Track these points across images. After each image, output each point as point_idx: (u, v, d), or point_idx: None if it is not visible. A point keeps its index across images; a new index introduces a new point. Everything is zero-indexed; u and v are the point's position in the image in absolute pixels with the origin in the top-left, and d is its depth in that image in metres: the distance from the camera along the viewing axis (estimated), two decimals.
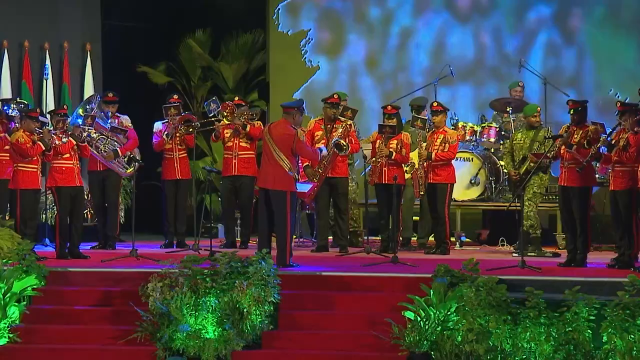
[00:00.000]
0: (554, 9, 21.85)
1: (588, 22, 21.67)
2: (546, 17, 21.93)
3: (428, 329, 15.00)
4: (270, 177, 16.73)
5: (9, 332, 15.68)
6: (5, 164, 18.44)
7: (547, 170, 18.10)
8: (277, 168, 16.71)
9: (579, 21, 21.60)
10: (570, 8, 21.67)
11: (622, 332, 14.62)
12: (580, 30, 21.73)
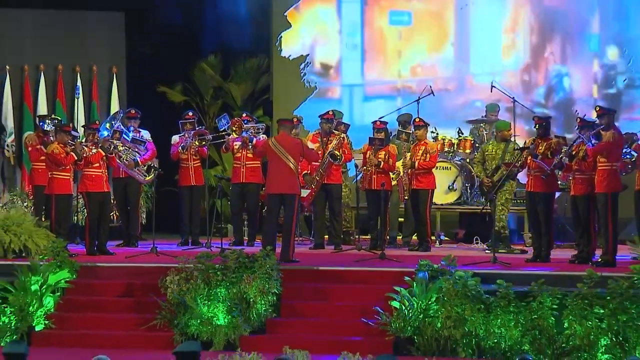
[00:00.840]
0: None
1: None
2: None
3: (411, 317, 15.00)
4: (285, 183, 16.75)
5: (44, 319, 15.71)
6: (42, 173, 18.44)
7: (515, 178, 18.08)
8: (290, 173, 16.76)
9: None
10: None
11: (581, 319, 14.62)
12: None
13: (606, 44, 20.88)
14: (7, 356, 10.33)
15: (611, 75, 20.79)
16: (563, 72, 21.08)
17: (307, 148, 17.28)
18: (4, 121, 20.63)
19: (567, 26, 20.99)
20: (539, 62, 21.05)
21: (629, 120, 19.61)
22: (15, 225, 17.19)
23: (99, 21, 21.46)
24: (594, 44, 20.90)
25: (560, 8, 20.95)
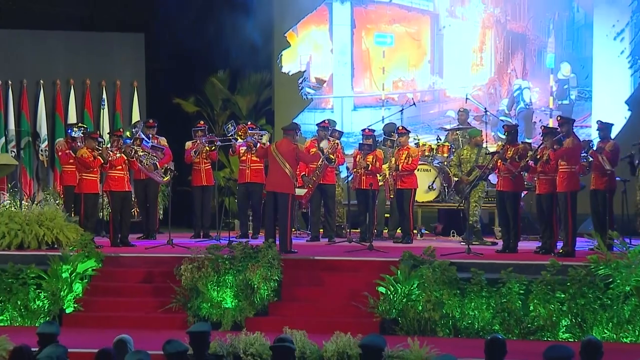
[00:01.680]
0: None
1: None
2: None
3: (396, 301, 14.99)
4: (279, 183, 16.74)
5: (74, 303, 15.71)
6: (71, 174, 18.42)
7: (487, 179, 18.05)
8: (284, 176, 16.73)
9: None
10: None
11: (545, 302, 14.65)
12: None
13: (560, 61, 20.94)
14: (41, 336, 10.29)
15: (564, 88, 20.89)
16: (523, 86, 21.13)
17: (301, 153, 17.24)
18: (39, 129, 20.59)
19: (526, 46, 21.08)
20: (502, 77, 21.11)
21: (580, 127, 19.59)
22: (49, 220, 17.18)
23: (122, 41, 21.44)
24: (550, 62, 20.95)
25: (520, 31, 21.05)
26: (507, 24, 21.12)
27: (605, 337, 14.16)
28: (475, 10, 21.21)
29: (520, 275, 14.84)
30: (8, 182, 19.56)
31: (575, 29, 20.87)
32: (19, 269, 15.84)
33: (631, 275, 14.53)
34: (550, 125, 18.21)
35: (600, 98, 20.61)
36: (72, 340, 11.61)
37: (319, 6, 21.65)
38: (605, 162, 16.68)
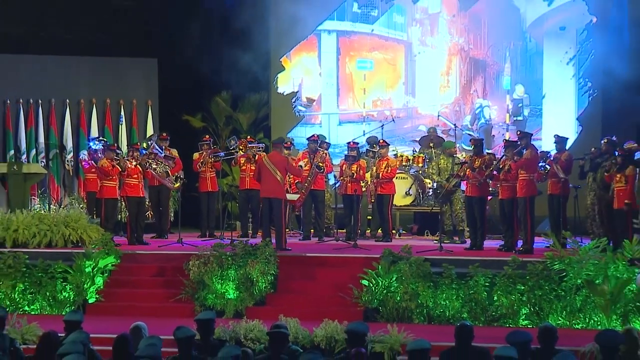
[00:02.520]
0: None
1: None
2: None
3: (377, 292, 14.96)
4: (272, 190, 16.74)
5: (96, 294, 15.67)
6: (93, 182, 18.41)
7: (460, 185, 18.06)
8: (276, 183, 16.72)
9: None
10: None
11: (507, 293, 14.63)
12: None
13: (515, 83, 21.03)
14: (66, 323, 10.25)
15: (519, 107, 20.96)
16: (484, 105, 21.17)
17: (290, 165, 17.21)
18: (65, 142, 20.56)
19: (486, 71, 21.16)
20: (466, 97, 21.18)
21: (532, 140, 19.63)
22: (74, 222, 17.16)
23: (137, 66, 21.43)
24: (506, 84, 21.04)
25: (481, 58, 21.13)
26: (470, 51, 21.17)
27: (560, 323, 14.15)
28: (442, 40, 21.26)
29: (485, 269, 14.85)
30: (38, 189, 19.55)
31: (528, 56, 20.95)
32: (48, 265, 15.83)
33: (582, 270, 14.55)
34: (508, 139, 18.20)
35: (549, 115, 20.68)
36: (94, 327, 11.57)
37: (309, 36, 21.65)
38: (560, 170, 16.71)
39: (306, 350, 10.65)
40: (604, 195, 16.87)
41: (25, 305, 15.73)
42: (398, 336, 13.14)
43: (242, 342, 13.03)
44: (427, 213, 19.22)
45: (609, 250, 14.81)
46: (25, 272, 15.83)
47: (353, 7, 21.48)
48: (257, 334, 13.35)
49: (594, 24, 20.15)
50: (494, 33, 20.98)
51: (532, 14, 20.69)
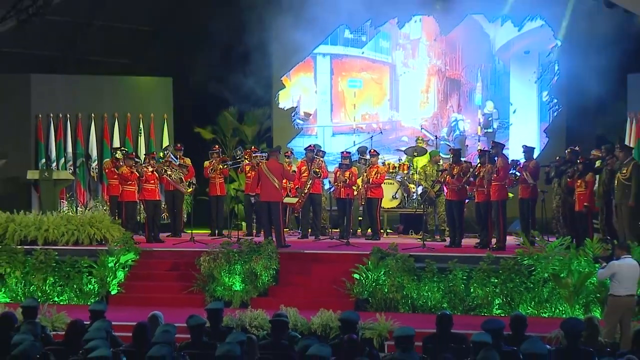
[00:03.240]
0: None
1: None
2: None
3: (367, 284, 14.98)
4: (271, 194, 16.70)
5: (117, 286, 15.73)
6: (115, 187, 18.38)
7: (442, 190, 18.04)
8: (274, 188, 16.70)
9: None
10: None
11: (482, 286, 14.68)
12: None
13: (486, 100, 21.02)
14: (91, 312, 10.24)
15: (489, 120, 20.97)
16: (458, 118, 21.17)
17: (286, 172, 17.17)
18: (90, 152, 20.52)
19: (460, 89, 21.17)
20: (443, 111, 21.21)
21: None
22: (98, 222, 17.16)
23: (154, 84, 21.42)
24: (478, 100, 21.06)
25: (456, 78, 21.17)
26: (446, 72, 21.21)
27: (529, 312, 14.16)
28: (422, 62, 21.30)
29: (463, 264, 14.88)
30: (67, 193, 19.52)
31: (497, 76, 20.99)
32: (75, 260, 15.85)
33: (548, 265, 14.57)
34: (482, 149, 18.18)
35: (516, 127, 20.68)
36: (116, 316, 11.54)
37: (306, 58, 21.65)
38: (529, 177, 16.71)
39: (304, 336, 10.59)
40: (567, 198, 16.88)
41: (55, 296, 15.75)
42: (386, 324, 13.15)
43: (247, 329, 13.04)
44: (412, 214, 19.19)
45: (572, 247, 14.83)
46: (55, 267, 15.86)
47: (345, 33, 21.49)
48: (260, 321, 13.36)
49: (559, 47, 20.17)
50: (467, 56, 21.03)
51: (500, 40, 20.74)
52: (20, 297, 15.39)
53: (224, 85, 20.91)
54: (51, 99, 20.18)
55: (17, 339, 8.46)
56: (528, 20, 20.34)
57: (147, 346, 8.45)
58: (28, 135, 19.90)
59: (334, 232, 18.71)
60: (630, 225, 15.79)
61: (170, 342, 8.53)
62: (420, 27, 21.15)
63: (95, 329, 8.97)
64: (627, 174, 15.68)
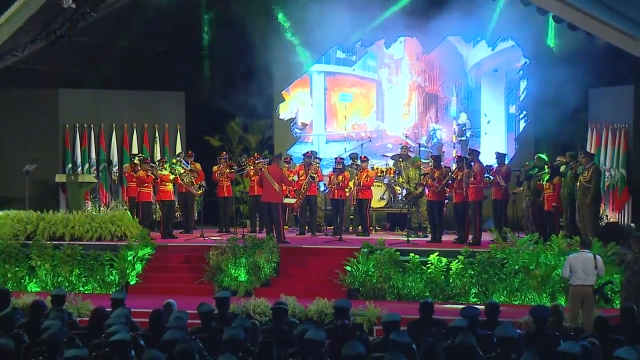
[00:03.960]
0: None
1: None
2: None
3: (358, 276, 15.01)
4: (271, 196, 16.75)
5: (136, 277, 15.72)
6: (133, 189, 18.38)
7: (424, 191, 18.04)
8: (274, 191, 16.73)
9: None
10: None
11: (460, 277, 14.72)
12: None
13: (460, 112, 21.00)
14: (113, 300, 10.21)
15: (463, 130, 20.96)
16: (436, 128, 21.16)
17: (284, 177, 17.20)
18: (111, 158, 20.47)
19: (438, 102, 21.14)
20: (423, 122, 21.21)
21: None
22: (118, 220, 17.16)
23: (169, 97, 21.34)
24: (453, 112, 21.06)
25: (434, 92, 21.15)
26: (425, 88, 21.24)
27: (502, 300, 14.20)
28: (404, 79, 21.32)
29: (443, 257, 14.88)
30: (90, 194, 19.49)
31: (469, 91, 21.01)
32: (98, 254, 15.86)
33: (519, 258, 14.60)
34: (459, 155, 18.21)
35: (488, 136, 20.68)
36: (134, 304, 11.54)
37: (303, 75, 21.66)
38: (501, 180, 16.73)
39: (302, 322, 10.59)
40: (536, 199, 16.93)
41: (80, 286, 15.74)
42: (374, 311, 13.16)
43: (251, 315, 13.03)
44: (397, 213, 19.18)
45: (540, 243, 14.88)
46: (80, 260, 15.86)
47: (337, 53, 21.51)
48: (263, 309, 13.36)
49: (528, 65, 20.19)
50: (443, 74, 21.07)
51: (472, 60, 20.76)
52: (49, 287, 15.38)
53: (231, 99, 20.89)
54: (77, 111, 20.16)
55: (47, 324, 8.45)
56: (501, 41, 20.34)
57: (162, 331, 8.43)
58: (56, 143, 19.87)
59: (328, 229, 18.70)
60: (591, 222, 15.86)
61: (182, 327, 8.51)
62: (402, 48, 21.16)
63: (115, 315, 8.95)
64: (588, 177, 15.79)
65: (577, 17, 15.86)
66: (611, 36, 15.64)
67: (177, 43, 21.18)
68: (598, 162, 16.83)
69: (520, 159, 19.27)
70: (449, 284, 14.70)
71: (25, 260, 15.97)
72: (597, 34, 15.80)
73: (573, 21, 15.96)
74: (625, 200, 16.81)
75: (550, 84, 18.25)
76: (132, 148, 20.54)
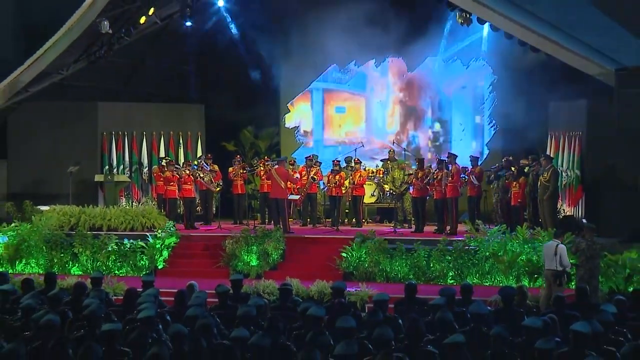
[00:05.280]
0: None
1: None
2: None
3: (352, 261, 14.99)
4: (278, 192, 16.79)
5: (163, 262, 15.67)
6: (160, 187, 18.37)
7: (408, 190, 18.02)
8: (280, 188, 16.76)
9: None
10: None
11: (439, 261, 14.68)
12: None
13: (434, 122, 21.01)
14: (143, 282, 10.21)
15: (437, 136, 20.97)
16: (415, 135, 21.15)
17: (290, 176, 17.27)
18: (142, 160, 20.44)
19: (416, 113, 21.10)
20: (404, 130, 21.18)
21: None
22: (148, 214, 17.13)
23: (190, 109, 21.31)
24: (428, 122, 21.05)
25: (414, 105, 21.07)
26: (406, 102, 21.24)
27: (474, 282, 14.16)
28: (389, 94, 21.30)
29: (425, 246, 14.88)
30: (124, 192, 19.46)
31: (443, 104, 20.99)
32: (131, 242, 15.87)
33: (489, 246, 14.59)
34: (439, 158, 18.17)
35: (462, 142, 20.62)
36: (161, 284, 11.49)
37: (305, 91, 21.65)
38: (474, 180, 16.76)
39: (304, 300, 10.58)
40: (504, 196, 16.93)
41: (115, 269, 15.74)
42: (366, 291, 13.14)
43: (261, 294, 13.01)
44: (386, 207, 19.16)
45: (507, 233, 14.87)
46: (116, 247, 15.85)
47: (334, 73, 21.53)
48: (271, 289, 13.36)
49: (496, 81, 20.16)
50: (421, 90, 21.08)
51: (444, 78, 20.68)
52: (89, 271, 15.38)
53: (244, 110, 20.87)
54: (113, 121, 20.14)
55: (87, 302, 8.44)
56: (473, 60, 20.33)
57: (185, 308, 8.42)
58: (95, 148, 19.85)
59: (327, 221, 18.68)
60: (551, 216, 15.87)
61: (202, 305, 8.50)
62: (387, 67, 21.17)
63: (146, 294, 8.94)
64: (547, 177, 15.82)
65: (538, 41, 15.87)
66: (567, 57, 15.65)
67: (198, 63, 21.17)
68: (556, 164, 16.82)
69: (490, 161, 19.25)
70: (429, 268, 14.68)
71: (69, 247, 15.97)
72: (556, 55, 15.80)
73: (535, 44, 15.96)
74: (580, 196, 16.81)
75: (515, 98, 18.27)
76: (159, 152, 20.51)
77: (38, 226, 16.30)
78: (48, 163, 19.32)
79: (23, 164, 19.57)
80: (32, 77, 18.60)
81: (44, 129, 19.59)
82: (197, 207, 19.14)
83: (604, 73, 15.29)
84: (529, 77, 17.75)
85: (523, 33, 15.99)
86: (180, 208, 18.78)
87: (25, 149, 19.58)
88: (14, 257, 15.98)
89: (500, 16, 16.12)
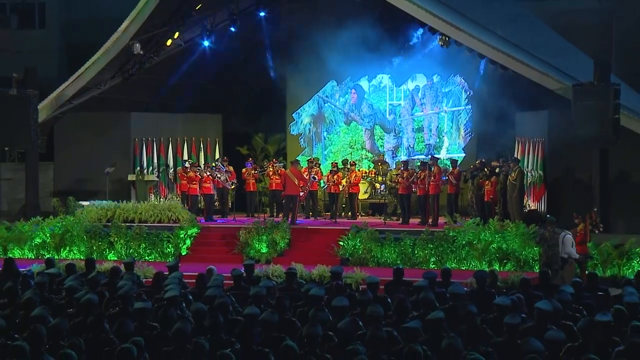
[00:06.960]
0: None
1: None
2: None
3: (348, 249, 14.98)
4: (293, 190, 16.81)
5: (186, 249, 15.64)
6: (184, 185, 18.34)
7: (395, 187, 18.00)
8: (295, 186, 16.81)
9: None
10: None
11: (423, 249, 14.66)
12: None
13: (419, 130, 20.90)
14: (169, 267, 10.20)
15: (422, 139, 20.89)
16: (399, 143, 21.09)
17: (302, 176, 17.28)
18: (168, 162, 20.41)
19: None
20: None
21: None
22: (173, 208, 17.08)
23: (209, 118, 21.22)
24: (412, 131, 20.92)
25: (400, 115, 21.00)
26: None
27: (453, 267, 14.15)
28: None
29: (410, 235, 14.86)
30: (153, 189, 19.44)
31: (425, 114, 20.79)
32: (159, 233, 15.83)
33: (465, 236, 14.58)
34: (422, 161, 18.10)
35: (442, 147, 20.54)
36: (185, 269, 11.47)
37: (308, 102, 21.59)
38: (453, 179, 16.76)
39: (307, 282, 10.58)
40: (478, 193, 16.92)
41: (145, 256, 15.73)
42: (360, 274, 13.14)
43: (270, 277, 12.98)
44: (377, 203, 19.13)
45: (481, 225, 14.86)
46: (146, 237, 15.85)
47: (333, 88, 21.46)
48: (279, 273, 13.34)
49: (471, 95, 20.12)
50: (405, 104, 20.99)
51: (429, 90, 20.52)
52: (123, 257, 15.35)
53: (255, 119, 20.85)
54: (143, 128, 20.13)
55: (121, 284, 8.45)
56: (452, 76, 20.28)
57: (205, 289, 8.43)
58: (128, 151, 19.83)
59: (326, 214, 18.66)
60: (518, 210, 15.89)
61: (219, 286, 8.51)
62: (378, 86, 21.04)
63: (171, 277, 8.95)
64: (515, 176, 15.88)
65: (507, 60, 15.90)
66: (531, 74, 15.70)
67: (217, 79, 21.16)
68: (522, 166, 16.82)
69: (467, 163, 19.22)
70: (414, 255, 14.68)
71: (106, 237, 15.97)
72: (521, 72, 15.84)
73: (504, 63, 15.99)
74: (542, 193, 16.80)
75: (487, 109, 18.26)
76: (183, 155, 20.50)
77: (80, 219, 16.37)
78: (88, 165, 19.30)
79: (67, 165, 19.60)
80: (74, 91, 18.73)
81: (85, 135, 19.60)
82: (215, 202, 19.12)
83: (562, 88, 15.37)
84: (499, 91, 17.76)
85: (494, 54, 16.01)
86: (201, 203, 18.76)
87: (69, 153, 19.62)
88: (59, 245, 16.00)
89: (475, 39, 16.12)
